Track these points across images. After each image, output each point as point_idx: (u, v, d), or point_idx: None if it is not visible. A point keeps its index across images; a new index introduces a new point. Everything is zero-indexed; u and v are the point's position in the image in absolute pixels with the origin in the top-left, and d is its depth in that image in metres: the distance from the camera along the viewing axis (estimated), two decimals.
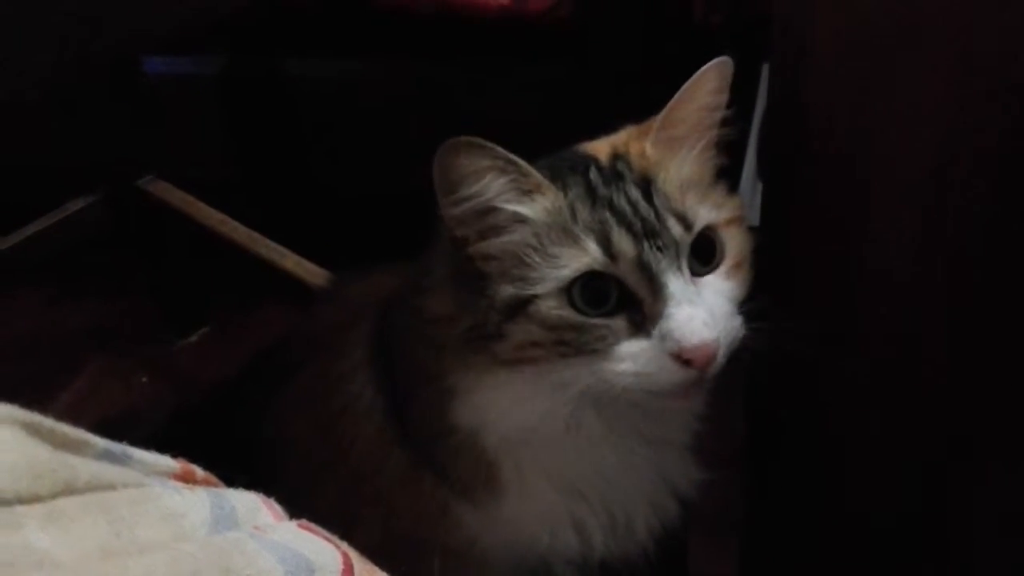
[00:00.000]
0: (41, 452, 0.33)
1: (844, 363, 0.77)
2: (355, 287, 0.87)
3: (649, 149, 0.67)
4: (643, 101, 0.71)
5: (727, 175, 0.72)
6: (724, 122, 0.69)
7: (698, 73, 0.65)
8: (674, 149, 0.67)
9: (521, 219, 0.63)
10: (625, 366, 0.61)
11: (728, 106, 0.68)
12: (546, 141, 0.71)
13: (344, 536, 0.42)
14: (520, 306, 0.62)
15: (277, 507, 0.41)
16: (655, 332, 0.61)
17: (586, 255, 0.61)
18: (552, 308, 0.62)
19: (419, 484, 0.74)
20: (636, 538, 0.76)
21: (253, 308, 1.55)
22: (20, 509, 0.31)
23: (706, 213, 0.65)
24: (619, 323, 0.62)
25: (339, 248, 1.13)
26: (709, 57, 0.66)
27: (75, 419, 0.36)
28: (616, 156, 0.67)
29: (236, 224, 1.38)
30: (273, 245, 1.34)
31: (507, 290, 0.63)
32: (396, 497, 0.75)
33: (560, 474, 0.72)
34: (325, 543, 0.40)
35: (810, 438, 0.84)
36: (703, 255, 0.65)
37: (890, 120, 0.67)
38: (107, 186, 1.45)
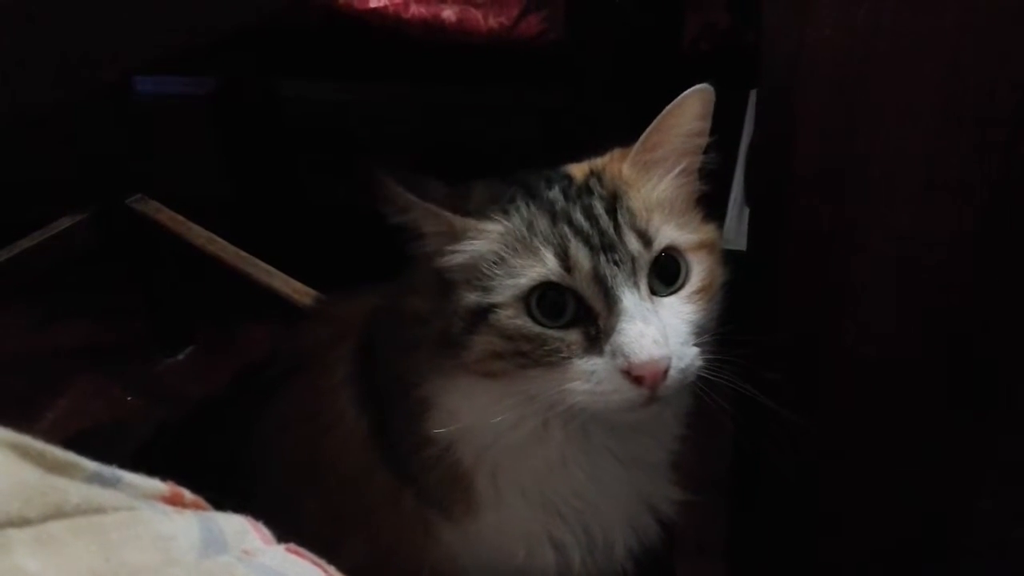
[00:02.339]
0: (31, 475, 0.33)
1: (829, 388, 0.78)
2: (342, 306, 0.87)
3: (626, 170, 0.68)
4: (632, 126, 0.72)
5: (712, 200, 0.73)
6: (707, 149, 0.69)
7: (679, 98, 0.66)
8: (650, 171, 0.67)
9: (476, 238, 0.64)
10: (579, 384, 0.62)
11: (712, 134, 0.68)
12: (539, 163, 0.72)
13: (329, 554, 0.42)
14: (481, 314, 0.63)
15: (265, 530, 0.41)
16: (607, 348, 0.61)
17: (543, 266, 0.62)
18: (510, 317, 0.62)
19: (401, 501, 0.74)
20: (614, 557, 0.76)
21: (240, 327, 1.55)
22: (10, 532, 0.31)
23: (671, 233, 0.65)
24: (574, 336, 0.62)
25: (328, 268, 1.13)
26: (697, 83, 0.67)
27: (60, 437, 0.36)
28: (591, 174, 0.68)
29: (224, 243, 1.38)
30: (261, 264, 1.34)
31: (470, 298, 0.64)
32: (380, 515, 0.75)
33: (535, 490, 0.72)
34: (313, 567, 0.40)
35: (796, 462, 0.84)
36: (667, 276, 0.65)
37: (877, 150, 0.68)
38: (96, 204, 1.45)
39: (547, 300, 0.63)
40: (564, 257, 0.62)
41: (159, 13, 0.71)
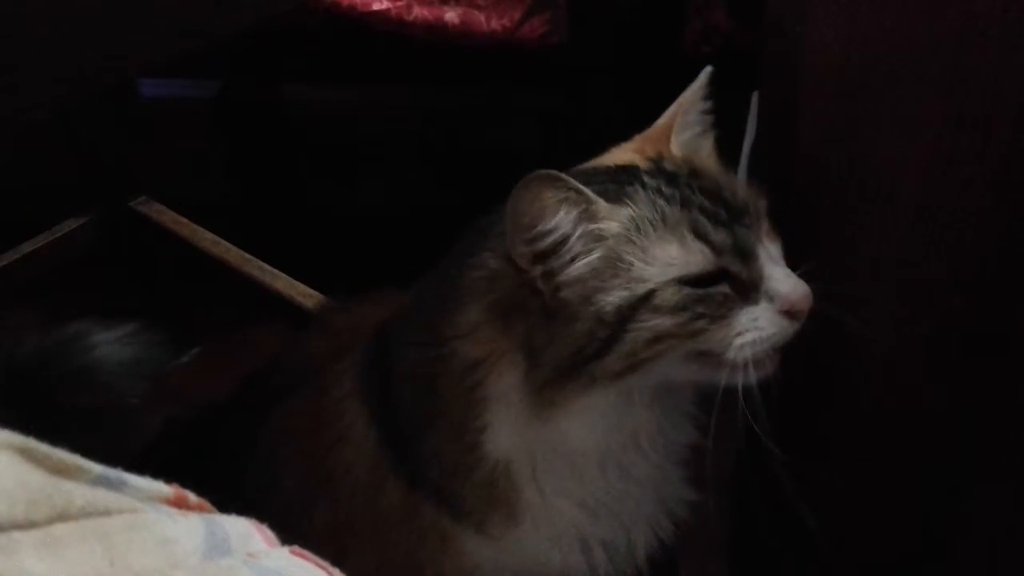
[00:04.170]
0: (36, 477, 0.33)
1: (830, 390, 0.78)
2: (344, 316, 0.87)
3: (675, 151, 0.71)
4: (634, 128, 0.72)
5: None
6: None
7: (697, 81, 0.71)
8: (692, 148, 0.72)
9: (600, 236, 0.64)
10: (745, 335, 0.65)
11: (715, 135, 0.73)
12: (541, 166, 0.72)
13: (335, 564, 0.42)
14: (639, 304, 0.64)
15: (270, 533, 0.41)
16: (762, 295, 0.65)
17: (695, 255, 0.64)
18: (674, 293, 0.64)
19: (415, 514, 0.74)
20: (634, 559, 0.77)
21: (244, 329, 1.55)
22: (15, 535, 0.31)
23: (747, 193, 0.69)
24: (726, 289, 0.65)
25: (331, 270, 1.13)
26: None
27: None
28: (653, 161, 0.70)
29: (228, 245, 1.38)
30: (265, 266, 1.35)
31: (614, 297, 0.64)
32: (391, 527, 0.75)
33: (579, 495, 0.72)
34: (318, 570, 0.40)
35: (805, 462, 0.84)
36: None
37: (879, 151, 0.68)
38: (100, 206, 1.45)
39: None
40: (707, 239, 0.64)
41: (161, 17, 0.71)
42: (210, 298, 1.51)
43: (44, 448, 0.34)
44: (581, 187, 0.63)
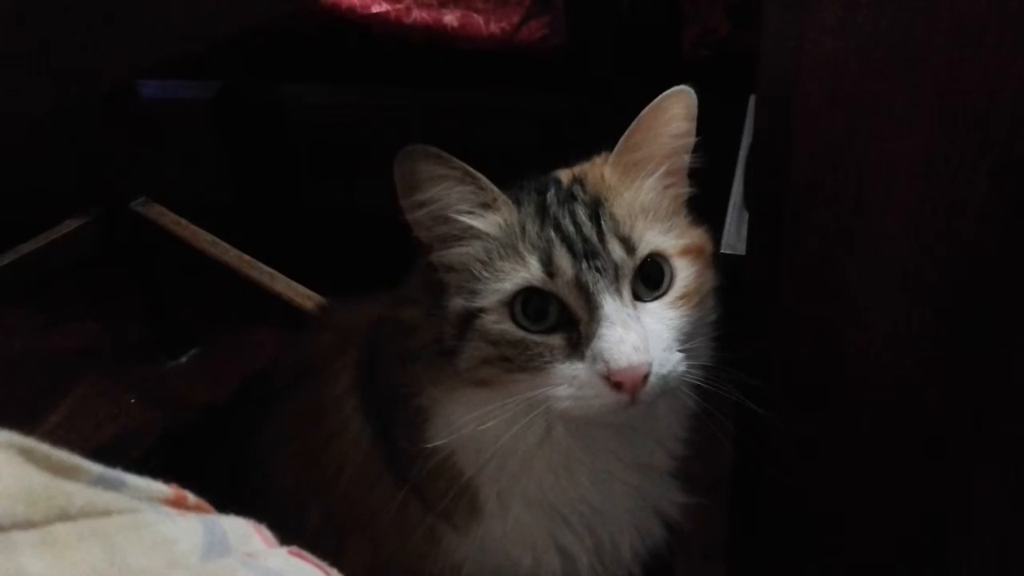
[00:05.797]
0: (36, 477, 0.34)
1: (830, 391, 0.78)
2: (344, 314, 0.87)
3: (608, 173, 0.68)
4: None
5: (709, 205, 0.73)
6: (695, 149, 0.69)
7: (657, 100, 0.66)
8: (631, 174, 0.67)
9: (475, 232, 0.65)
10: (562, 389, 0.62)
11: (711, 138, 0.69)
12: (539, 169, 0.72)
13: (332, 562, 0.42)
14: (469, 320, 0.64)
15: (268, 533, 0.41)
16: (588, 353, 0.61)
17: (527, 271, 0.63)
18: (494, 322, 0.63)
19: (406, 510, 0.74)
20: (622, 562, 0.76)
21: (243, 330, 1.55)
22: (15, 535, 0.31)
23: (654, 239, 0.65)
24: (557, 341, 0.62)
25: (330, 272, 1.13)
26: (697, 89, 0.67)
27: (64, 440, 0.36)
28: (575, 179, 0.68)
29: (227, 246, 1.39)
30: (264, 267, 1.35)
31: (458, 303, 0.64)
32: (384, 523, 0.75)
33: (539, 496, 0.72)
34: (316, 570, 0.40)
35: (799, 464, 0.84)
36: (651, 281, 0.65)
37: (875, 154, 0.68)
38: (99, 207, 1.45)
39: (531, 305, 0.63)
40: (548, 263, 0.63)
41: (161, 18, 0.71)
42: (209, 299, 1.51)
43: (44, 448, 0.35)
44: (472, 170, 0.63)
